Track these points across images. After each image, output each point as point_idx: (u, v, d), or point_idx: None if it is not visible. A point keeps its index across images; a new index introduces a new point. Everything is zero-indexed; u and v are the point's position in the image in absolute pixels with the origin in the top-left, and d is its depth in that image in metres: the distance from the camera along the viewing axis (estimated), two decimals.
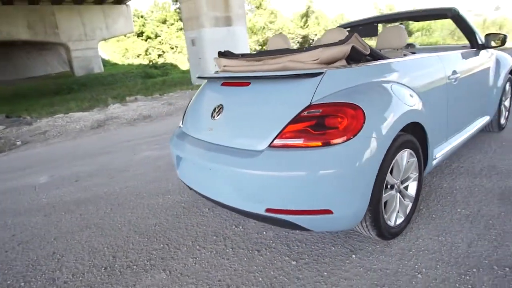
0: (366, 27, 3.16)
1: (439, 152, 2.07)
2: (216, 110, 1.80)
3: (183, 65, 20.32)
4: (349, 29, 3.33)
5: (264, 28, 19.54)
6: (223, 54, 2.25)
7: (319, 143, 1.41)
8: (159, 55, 23.21)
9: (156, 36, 24.20)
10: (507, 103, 3.25)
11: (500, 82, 2.85)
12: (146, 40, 24.38)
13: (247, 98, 1.72)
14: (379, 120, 1.49)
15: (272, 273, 1.63)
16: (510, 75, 3.06)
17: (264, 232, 1.98)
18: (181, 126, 2.16)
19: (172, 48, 23.72)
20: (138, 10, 26.39)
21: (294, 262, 1.68)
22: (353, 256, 1.68)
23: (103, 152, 4.22)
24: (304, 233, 1.91)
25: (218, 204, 1.79)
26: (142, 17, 25.88)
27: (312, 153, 1.40)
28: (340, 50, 1.57)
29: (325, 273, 1.57)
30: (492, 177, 2.37)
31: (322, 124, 1.44)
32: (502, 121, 3.22)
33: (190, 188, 1.99)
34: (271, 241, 1.88)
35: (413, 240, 1.75)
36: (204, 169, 1.77)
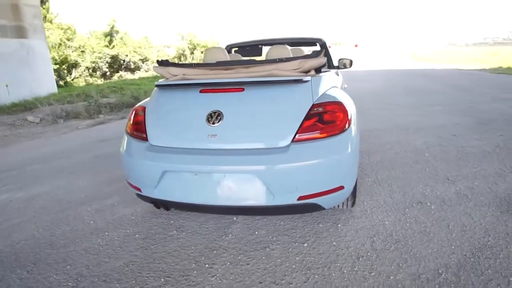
0: (252, 48, 3.71)
1: None
2: (214, 116, 1.77)
3: None
4: (236, 48, 3.78)
5: (61, 45, 16.77)
6: (165, 64, 2.15)
7: (327, 134, 1.76)
8: None
9: None
10: None
11: None
12: None
13: (248, 102, 1.81)
14: (353, 113, 1.99)
15: (297, 258, 1.80)
16: None
17: (256, 232, 2.07)
18: (148, 140, 1.89)
19: None
20: None
21: (305, 244, 1.92)
22: (339, 225, 2.11)
23: None
24: (289, 222, 2.15)
25: (221, 212, 1.76)
26: None
27: (327, 142, 1.73)
28: (320, 62, 1.98)
29: (334, 243, 1.92)
30: None
31: (325, 118, 1.79)
32: None
33: (174, 205, 1.80)
34: (269, 237, 2.01)
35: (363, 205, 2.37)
36: (212, 176, 1.71)
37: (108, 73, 18.32)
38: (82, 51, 17.88)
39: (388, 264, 1.71)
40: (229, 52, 3.76)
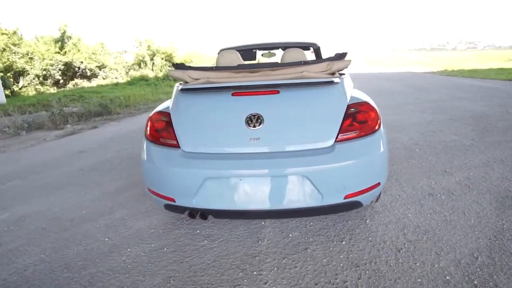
0: (246, 52, 3.69)
1: None
2: (253, 120, 1.73)
3: None
4: None
5: (5, 50, 15.25)
6: (182, 67, 2.07)
7: (364, 133, 1.80)
8: None
9: None
10: None
11: None
12: None
13: (285, 105, 1.80)
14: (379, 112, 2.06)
15: (341, 256, 1.81)
16: None
17: (290, 235, 2.05)
18: (181, 147, 1.79)
19: None
20: None
21: (343, 242, 1.94)
22: (367, 221, 2.16)
23: None
24: (318, 223, 2.16)
25: (266, 217, 1.72)
26: None
27: (366, 140, 1.77)
28: (346, 64, 2.02)
29: (370, 239, 1.96)
30: None
31: (359, 118, 1.83)
32: None
33: (214, 214, 1.74)
34: (305, 238, 2.00)
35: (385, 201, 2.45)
36: (259, 181, 1.67)
37: (61, 81, 17.04)
38: (31, 58, 16.46)
39: (427, 254, 1.79)
40: None
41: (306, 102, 1.82)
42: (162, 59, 20.67)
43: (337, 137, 1.73)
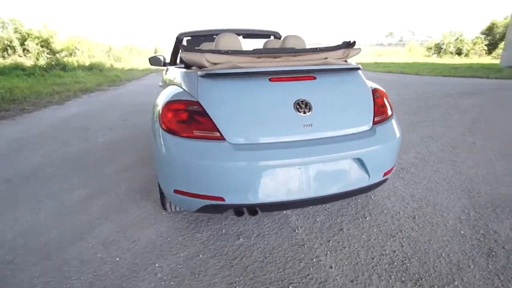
0: (206, 38, 3.46)
1: None
2: (302, 106, 1.69)
3: None
4: (189, 38, 3.45)
5: None
6: (191, 49, 1.87)
7: (387, 116, 1.97)
8: None
9: None
10: None
11: None
12: None
13: (324, 90, 1.80)
14: None
15: (374, 230, 1.96)
16: None
17: (317, 219, 2.09)
18: (226, 139, 1.59)
19: None
20: None
21: (368, 218, 2.10)
22: (372, 197, 2.38)
23: None
24: (334, 204, 2.26)
25: (318, 203, 1.73)
26: None
27: (391, 123, 1.94)
28: (358, 51, 2.13)
29: (385, 211, 2.18)
30: None
31: (379, 103, 1.99)
32: None
33: (266, 207, 1.66)
34: (333, 220, 2.08)
35: None
36: (316, 168, 1.66)
37: None
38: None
39: (435, 217, 2.11)
40: (181, 41, 3.40)
41: (340, 87, 1.88)
42: (37, 44, 17.20)
43: (374, 120, 1.85)
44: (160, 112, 1.76)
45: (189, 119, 1.67)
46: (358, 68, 1.95)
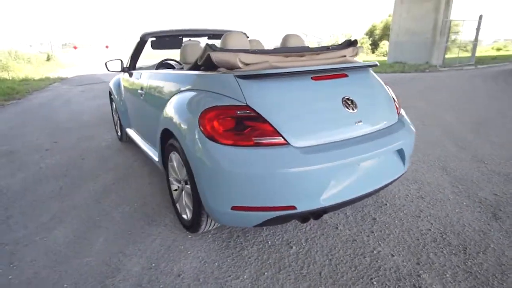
0: (172, 39, 3.19)
1: None
2: (348, 103, 1.71)
3: None
4: (154, 38, 3.13)
5: None
6: (220, 49, 1.77)
7: (399, 109, 2.15)
8: None
9: None
10: None
11: None
12: None
13: (357, 87, 1.86)
14: None
15: (401, 214, 2.13)
16: None
17: (347, 213, 2.15)
18: (290, 144, 1.50)
19: None
20: None
21: (388, 205, 2.25)
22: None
23: None
24: None
25: (367, 197, 1.80)
26: None
27: (403, 112, 2.13)
28: (360, 50, 2.24)
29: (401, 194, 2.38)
30: None
31: (394, 97, 2.15)
32: None
33: (332, 209, 1.64)
34: (359, 214, 2.17)
35: None
36: (371, 162, 1.71)
37: None
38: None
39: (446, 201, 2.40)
40: (145, 42, 3.09)
41: (367, 83, 1.98)
42: None
43: (399, 113, 2.00)
44: (201, 122, 1.56)
45: (241, 125, 1.53)
46: (376, 65, 2.07)
